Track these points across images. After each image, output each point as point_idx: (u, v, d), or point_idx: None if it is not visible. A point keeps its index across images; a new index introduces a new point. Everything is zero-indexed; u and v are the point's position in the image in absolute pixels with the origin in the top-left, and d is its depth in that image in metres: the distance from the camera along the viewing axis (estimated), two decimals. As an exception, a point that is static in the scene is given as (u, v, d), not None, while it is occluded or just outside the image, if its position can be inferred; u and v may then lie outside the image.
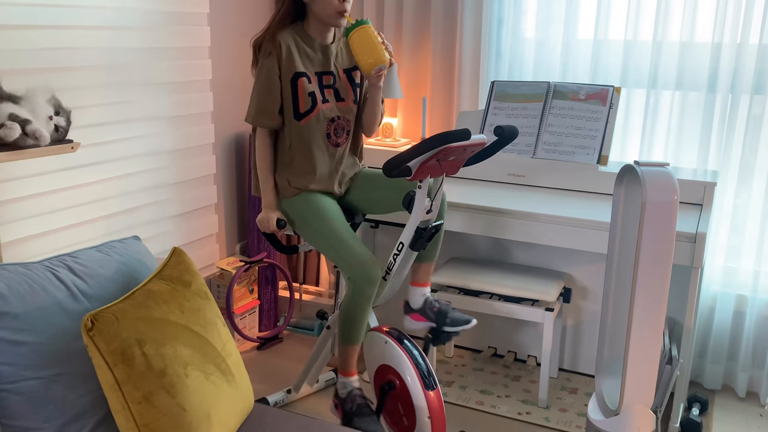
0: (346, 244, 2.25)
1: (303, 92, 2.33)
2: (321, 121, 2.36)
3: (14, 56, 2.22)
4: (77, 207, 2.51)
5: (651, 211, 1.83)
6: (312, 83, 2.34)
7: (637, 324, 1.88)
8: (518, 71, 3.14)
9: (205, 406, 1.54)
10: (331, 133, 2.40)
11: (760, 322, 2.86)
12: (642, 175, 1.85)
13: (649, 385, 1.92)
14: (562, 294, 2.92)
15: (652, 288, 1.86)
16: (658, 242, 1.84)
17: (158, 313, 1.55)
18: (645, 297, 1.87)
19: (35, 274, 1.56)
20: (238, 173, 3.36)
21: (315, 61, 2.36)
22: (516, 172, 2.92)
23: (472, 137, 2.11)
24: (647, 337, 1.89)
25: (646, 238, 1.84)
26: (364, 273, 2.21)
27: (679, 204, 2.59)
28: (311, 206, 2.35)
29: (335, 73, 2.40)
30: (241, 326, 3.19)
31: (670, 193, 1.83)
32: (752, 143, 2.79)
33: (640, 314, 1.88)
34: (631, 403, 1.93)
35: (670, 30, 2.85)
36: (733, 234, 2.88)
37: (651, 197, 1.82)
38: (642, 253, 1.85)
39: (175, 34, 2.85)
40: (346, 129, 2.44)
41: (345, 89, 2.41)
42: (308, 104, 2.34)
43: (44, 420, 1.47)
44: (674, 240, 1.86)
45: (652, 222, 1.83)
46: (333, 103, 2.39)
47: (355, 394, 2.33)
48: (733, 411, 2.83)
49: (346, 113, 2.42)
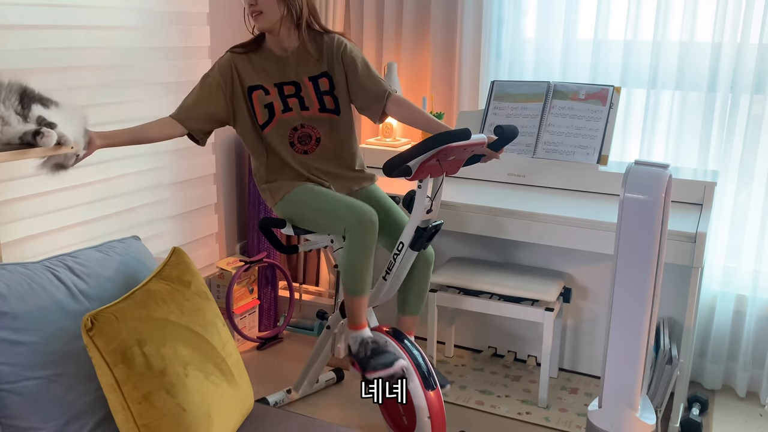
0: (339, 201, 2.29)
1: (259, 104, 2.39)
2: (282, 129, 2.41)
3: (14, 56, 2.22)
4: (77, 207, 2.51)
5: (629, 208, 1.80)
6: (271, 94, 2.39)
7: (616, 324, 1.86)
8: (518, 71, 3.14)
9: (205, 406, 1.54)
10: (294, 142, 2.42)
11: (760, 322, 2.86)
12: (627, 172, 1.83)
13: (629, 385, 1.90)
14: (562, 294, 2.92)
15: (631, 288, 1.82)
16: (636, 241, 1.79)
17: (158, 313, 1.55)
18: (623, 297, 1.83)
19: (35, 274, 1.56)
20: (238, 173, 3.36)
21: (272, 73, 2.40)
22: (516, 172, 2.92)
23: (472, 137, 2.11)
24: (626, 337, 1.85)
25: (624, 236, 1.81)
26: (360, 219, 2.21)
27: (678, 204, 2.62)
28: (302, 190, 2.39)
29: (298, 82, 2.41)
30: (241, 326, 3.19)
31: (652, 191, 1.78)
32: (752, 143, 2.78)
33: (618, 315, 1.85)
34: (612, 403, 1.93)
35: (670, 30, 2.84)
36: (733, 234, 2.88)
37: (629, 194, 1.79)
38: (620, 252, 1.82)
39: (175, 34, 2.85)
40: (314, 137, 2.44)
41: (310, 98, 2.41)
42: (265, 115, 2.39)
43: (44, 420, 1.47)
44: (657, 240, 1.81)
45: (630, 219, 1.79)
46: (297, 111, 2.41)
47: (367, 341, 2.27)
48: (733, 411, 2.83)
49: (311, 122, 2.42)
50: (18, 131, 1.77)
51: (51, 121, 1.83)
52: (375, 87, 2.42)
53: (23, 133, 1.77)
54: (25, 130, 1.78)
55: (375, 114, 2.45)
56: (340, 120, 2.47)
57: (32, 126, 1.80)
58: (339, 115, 2.46)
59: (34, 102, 1.85)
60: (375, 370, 2.17)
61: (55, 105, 1.91)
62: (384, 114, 2.45)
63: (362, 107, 2.47)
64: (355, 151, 2.54)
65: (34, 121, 1.81)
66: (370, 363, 2.20)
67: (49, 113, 1.85)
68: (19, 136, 1.78)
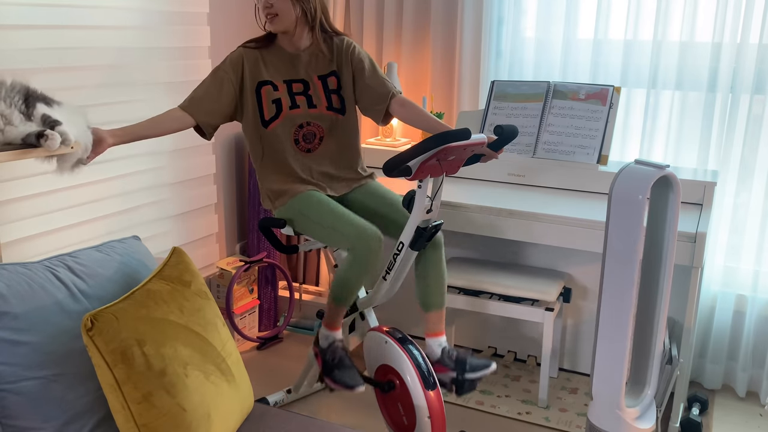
0: (343, 218, 2.26)
1: (267, 100, 2.39)
2: (287, 126, 2.40)
3: (14, 56, 2.22)
4: (77, 207, 2.51)
5: (617, 205, 1.81)
6: (279, 90, 2.39)
7: (604, 322, 1.87)
8: (518, 71, 3.14)
9: (205, 406, 1.54)
10: (299, 139, 2.42)
11: (760, 322, 2.86)
12: (620, 170, 1.84)
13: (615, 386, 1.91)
14: (562, 294, 2.92)
15: (617, 286, 1.83)
16: (623, 239, 1.80)
17: (158, 313, 1.55)
18: (610, 295, 1.85)
19: (35, 274, 1.56)
20: (238, 173, 3.36)
21: (282, 70, 2.41)
22: (516, 172, 2.92)
23: (472, 137, 2.11)
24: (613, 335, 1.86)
25: (612, 233, 1.82)
26: (368, 243, 2.21)
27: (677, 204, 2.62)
28: (305, 201, 2.37)
29: (307, 80, 2.43)
30: (241, 326, 3.19)
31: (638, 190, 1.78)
32: (752, 143, 2.79)
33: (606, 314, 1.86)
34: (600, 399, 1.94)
35: (670, 30, 2.85)
36: (733, 234, 2.88)
37: (618, 191, 1.81)
38: (608, 250, 1.83)
39: (175, 34, 2.85)
40: (318, 135, 2.44)
41: (318, 96, 2.43)
42: (273, 111, 2.39)
43: (44, 420, 1.47)
44: (642, 239, 1.81)
45: (617, 217, 1.81)
46: (304, 109, 2.41)
47: (337, 345, 2.32)
48: (733, 411, 2.83)
49: (318, 119, 2.43)
50: (21, 132, 1.77)
51: (55, 118, 1.83)
52: (379, 88, 2.43)
53: (26, 135, 1.77)
54: (29, 131, 1.77)
55: (378, 115, 2.46)
56: (345, 120, 2.48)
57: (35, 127, 1.79)
58: (344, 114, 2.48)
59: (38, 101, 1.84)
60: (335, 382, 2.25)
61: (57, 104, 1.91)
62: (388, 115, 2.46)
63: (366, 107, 2.48)
64: (358, 153, 2.55)
65: (38, 119, 1.80)
66: (334, 373, 2.27)
67: (52, 111, 1.85)
68: (22, 138, 1.77)
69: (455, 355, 2.36)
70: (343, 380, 2.23)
